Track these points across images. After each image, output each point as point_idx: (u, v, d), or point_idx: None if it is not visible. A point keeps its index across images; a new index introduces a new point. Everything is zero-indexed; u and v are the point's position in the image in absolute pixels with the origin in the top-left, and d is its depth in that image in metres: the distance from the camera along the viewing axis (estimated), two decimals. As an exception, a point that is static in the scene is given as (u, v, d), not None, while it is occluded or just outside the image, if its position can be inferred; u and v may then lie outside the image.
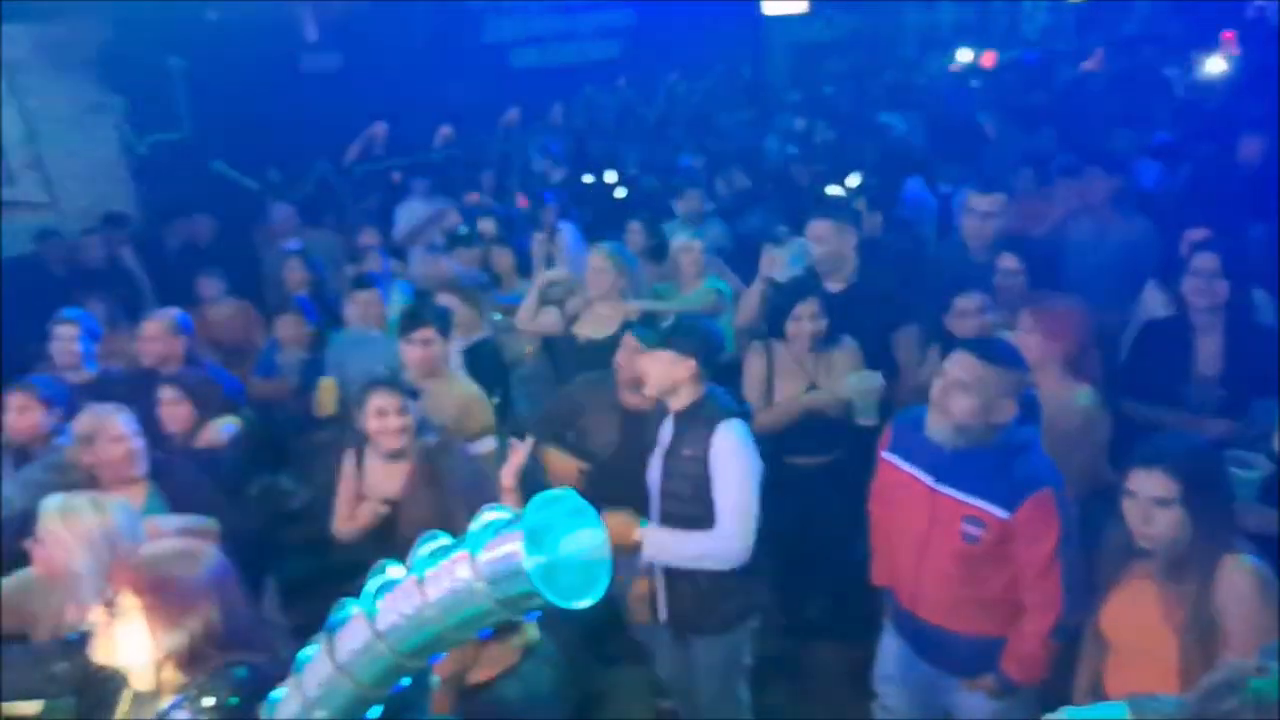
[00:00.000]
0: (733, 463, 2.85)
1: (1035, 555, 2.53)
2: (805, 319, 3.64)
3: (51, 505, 2.43)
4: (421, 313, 3.75)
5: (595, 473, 3.38)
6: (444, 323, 3.79)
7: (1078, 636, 2.54)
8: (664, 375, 2.95)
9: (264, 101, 8.01)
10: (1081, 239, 4.77)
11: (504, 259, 5.24)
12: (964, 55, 13.01)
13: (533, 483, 3.92)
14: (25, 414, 3.50)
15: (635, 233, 5.21)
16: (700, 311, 4.19)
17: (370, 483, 3.20)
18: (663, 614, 3.10)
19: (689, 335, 2.96)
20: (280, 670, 1.81)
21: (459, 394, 3.70)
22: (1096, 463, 3.13)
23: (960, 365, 2.58)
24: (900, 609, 2.85)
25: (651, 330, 3.23)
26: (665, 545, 2.93)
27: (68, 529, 2.37)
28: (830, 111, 9.20)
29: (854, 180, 6.11)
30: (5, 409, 3.54)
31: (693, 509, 2.90)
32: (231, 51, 7.78)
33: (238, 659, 1.87)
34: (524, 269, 5.21)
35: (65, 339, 4.06)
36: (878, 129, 8.28)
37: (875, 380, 3.52)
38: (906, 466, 2.74)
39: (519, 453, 3.02)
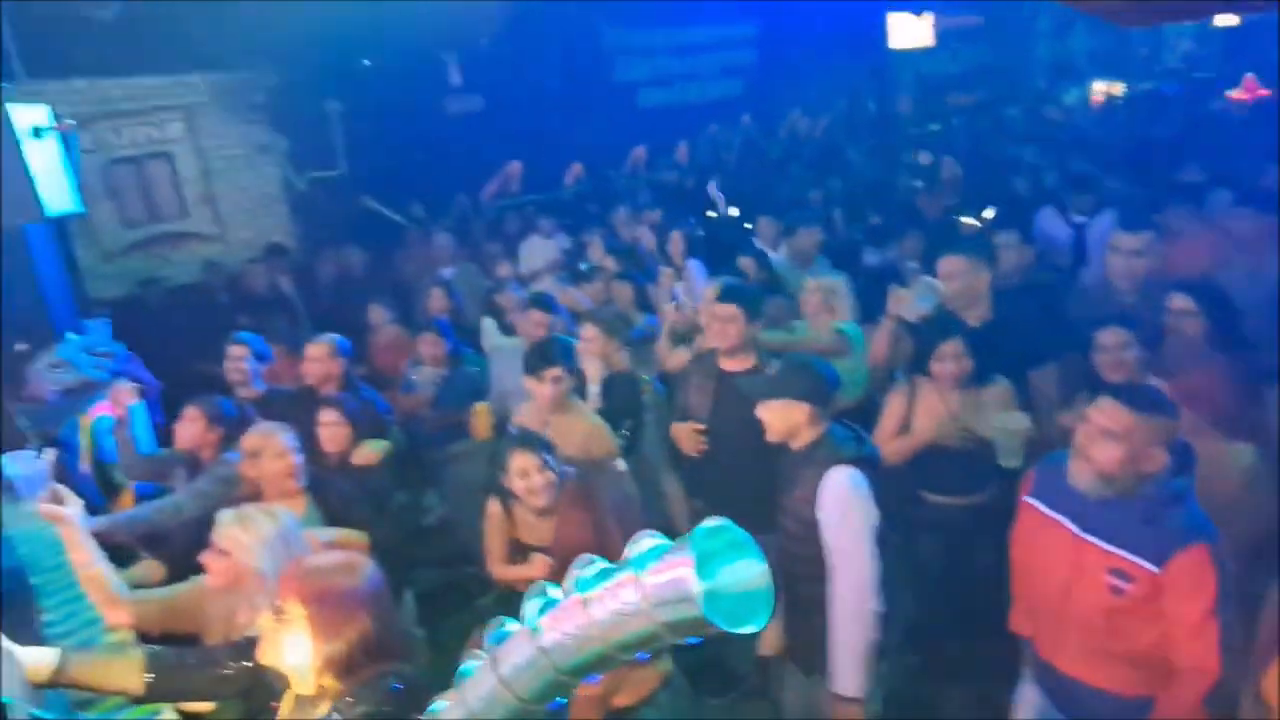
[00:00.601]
0: (836, 513, 2.80)
1: (1188, 613, 2.39)
2: (949, 359, 3.56)
3: (228, 516, 2.62)
4: (550, 351, 3.78)
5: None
6: (570, 360, 3.84)
7: (1236, 703, 2.39)
8: (781, 422, 2.94)
9: (412, 141, 8.54)
10: (1235, 279, 4.51)
11: (623, 293, 5.31)
12: (1099, 87, 12.55)
13: (651, 515, 3.99)
14: (190, 425, 3.80)
15: (748, 269, 5.21)
16: (813, 351, 4.15)
17: (523, 527, 3.23)
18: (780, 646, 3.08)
19: (798, 379, 2.94)
20: (423, 681, 1.90)
21: (584, 426, 3.75)
22: (1262, 523, 2.94)
23: (1105, 413, 2.46)
24: (1039, 659, 2.75)
25: (758, 378, 3.23)
26: (846, 646, 2.84)
27: (246, 534, 2.55)
28: (957, 145, 9.02)
29: (990, 213, 5.95)
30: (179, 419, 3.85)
31: (806, 549, 2.88)
32: (384, 95, 8.33)
33: (388, 668, 1.94)
34: (643, 304, 5.28)
35: (235, 358, 4.39)
36: (1006, 161, 8.07)
37: (1022, 422, 3.38)
38: (1050, 513, 2.64)
39: None
